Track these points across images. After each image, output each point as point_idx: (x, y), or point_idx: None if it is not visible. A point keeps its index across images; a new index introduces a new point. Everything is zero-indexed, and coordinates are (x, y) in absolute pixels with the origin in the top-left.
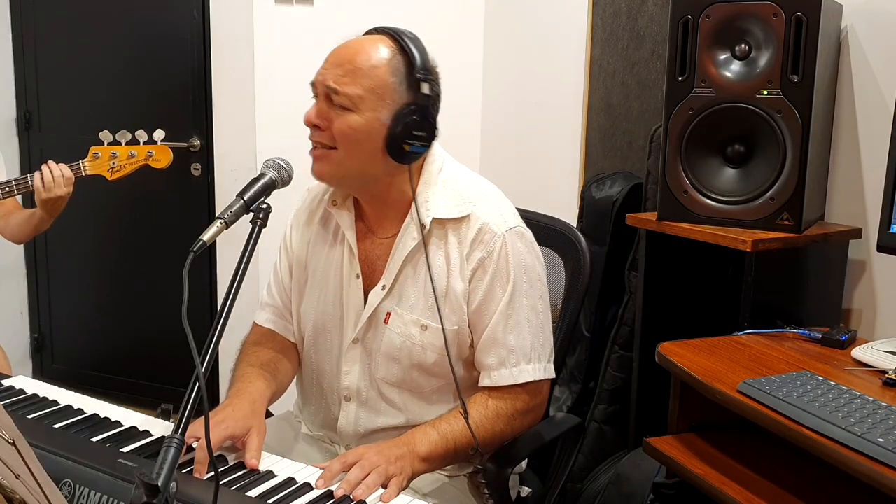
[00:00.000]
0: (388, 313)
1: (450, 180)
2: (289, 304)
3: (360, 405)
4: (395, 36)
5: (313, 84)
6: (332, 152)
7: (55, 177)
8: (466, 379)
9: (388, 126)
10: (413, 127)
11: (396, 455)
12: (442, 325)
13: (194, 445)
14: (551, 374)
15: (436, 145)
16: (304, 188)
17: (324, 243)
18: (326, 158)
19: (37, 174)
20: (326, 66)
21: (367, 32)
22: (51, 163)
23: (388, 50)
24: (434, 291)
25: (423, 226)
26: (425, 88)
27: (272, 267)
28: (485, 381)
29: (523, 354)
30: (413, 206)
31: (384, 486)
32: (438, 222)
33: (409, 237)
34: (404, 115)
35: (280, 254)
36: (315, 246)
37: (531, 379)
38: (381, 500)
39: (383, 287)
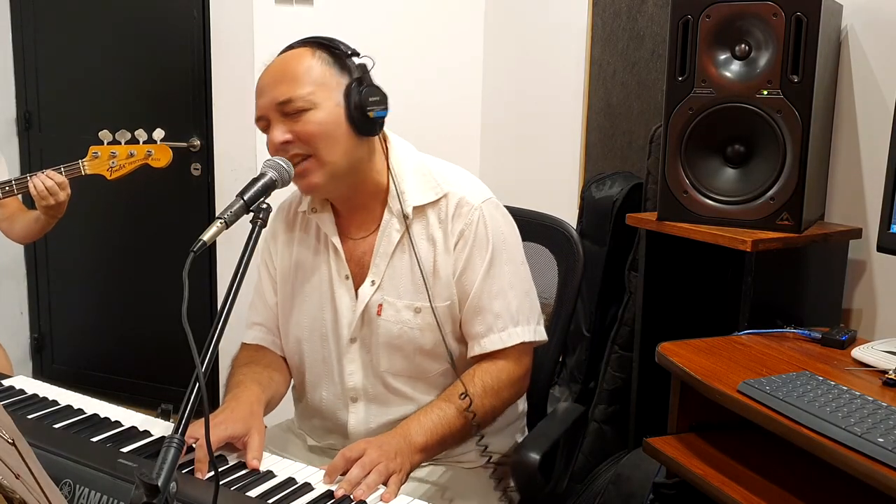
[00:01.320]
0: (380, 305)
1: (419, 166)
2: (276, 320)
3: (367, 402)
4: (304, 41)
5: (259, 118)
6: (312, 160)
7: (48, 187)
8: (466, 354)
9: (344, 105)
10: (367, 94)
11: (395, 449)
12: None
13: (194, 446)
14: (542, 335)
15: (397, 137)
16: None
17: (307, 252)
18: (311, 168)
19: (33, 179)
20: (264, 93)
21: (286, 52)
22: (41, 174)
23: (308, 51)
24: (422, 272)
25: (406, 216)
26: (357, 60)
27: (253, 286)
28: (475, 350)
29: (510, 318)
30: (388, 199)
31: (384, 483)
32: (418, 209)
33: (392, 230)
34: (354, 89)
35: (260, 272)
36: (299, 258)
37: (520, 340)
38: (381, 499)
39: (372, 282)
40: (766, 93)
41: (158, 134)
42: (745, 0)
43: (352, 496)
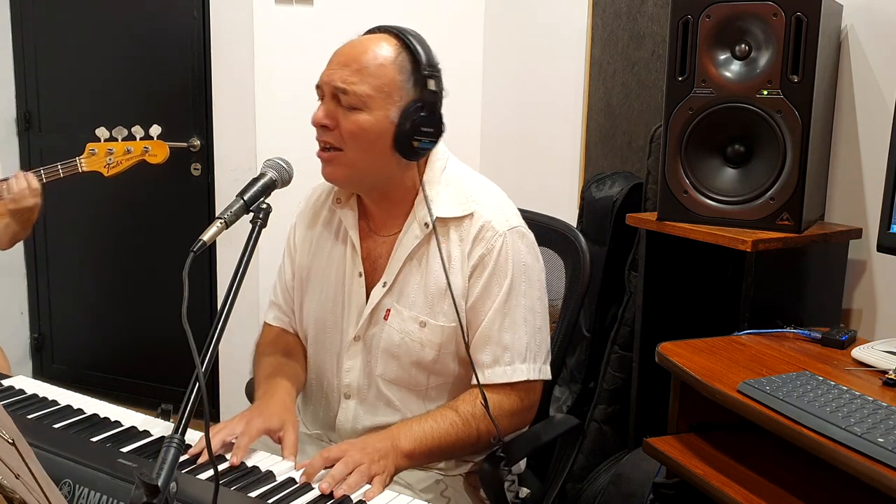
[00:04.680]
0: (388, 310)
1: (453, 179)
2: (292, 303)
3: (359, 402)
4: (398, 34)
5: (319, 86)
6: (340, 154)
7: (20, 188)
8: (463, 377)
9: (396, 123)
10: (421, 123)
11: (380, 452)
12: (455, 305)
13: (233, 441)
14: (547, 375)
15: (440, 144)
16: (309, 188)
17: (327, 242)
18: (336, 160)
19: (9, 180)
20: (332, 67)
21: (369, 31)
22: (19, 174)
23: (394, 48)
24: (441, 287)
25: (426, 224)
26: (432, 85)
27: (277, 268)
28: (479, 379)
29: (518, 353)
30: (415, 204)
31: (368, 483)
32: (441, 220)
33: (411, 235)
34: (412, 111)
35: (284, 254)
36: (318, 245)
37: (525, 378)
38: (364, 497)
39: (384, 284)
40: (766, 93)
41: (155, 130)
42: (745, 0)
43: (351, 496)
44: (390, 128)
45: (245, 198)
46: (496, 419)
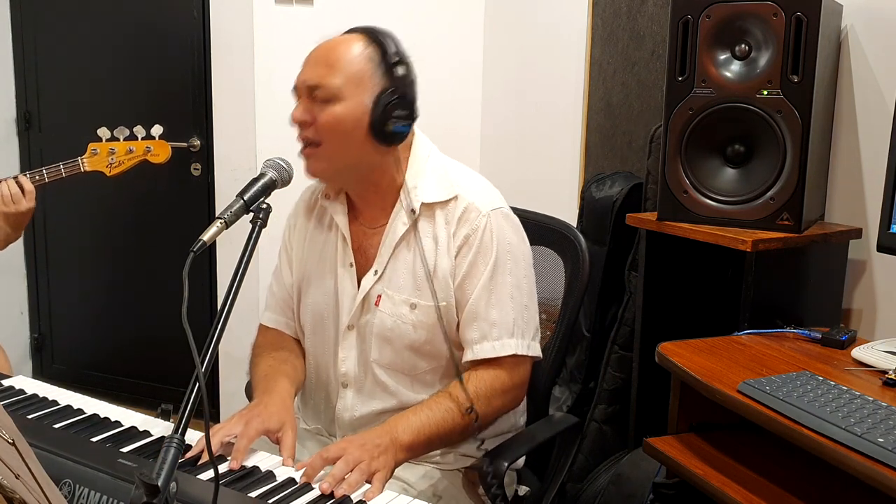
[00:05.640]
0: (379, 296)
1: (438, 168)
2: (290, 301)
3: (356, 391)
4: (366, 30)
5: (295, 88)
6: (319, 149)
7: (13, 193)
8: (457, 359)
9: (370, 110)
10: (394, 107)
11: (379, 448)
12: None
13: (233, 441)
14: (536, 352)
15: (423, 137)
16: (303, 188)
17: (319, 237)
18: (316, 155)
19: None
20: (304, 68)
21: (344, 34)
22: (10, 180)
23: (361, 42)
24: (425, 270)
25: (413, 211)
26: (400, 71)
27: (273, 268)
28: (467, 356)
29: (506, 329)
30: (401, 194)
31: (368, 482)
32: (427, 206)
33: (399, 223)
34: (385, 97)
35: (280, 254)
36: (312, 241)
37: (513, 352)
38: (364, 497)
39: (375, 272)
40: (766, 93)
41: (157, 130)
42: (745, 0)
43: (351, 496)
44: (365, 115)
45: (245, 198)
46: (488, 399)
